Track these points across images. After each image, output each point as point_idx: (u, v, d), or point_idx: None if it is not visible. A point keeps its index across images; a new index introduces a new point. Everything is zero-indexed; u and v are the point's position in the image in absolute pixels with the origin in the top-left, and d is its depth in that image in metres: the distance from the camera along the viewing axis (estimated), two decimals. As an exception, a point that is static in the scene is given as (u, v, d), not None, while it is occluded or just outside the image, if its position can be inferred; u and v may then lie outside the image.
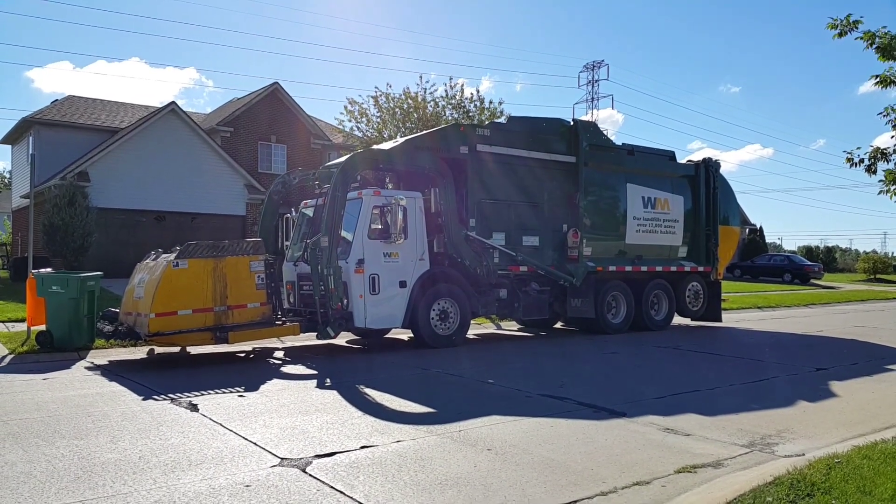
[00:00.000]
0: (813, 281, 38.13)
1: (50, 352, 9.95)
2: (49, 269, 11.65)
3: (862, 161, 7.75)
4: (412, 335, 11.66)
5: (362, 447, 5.39)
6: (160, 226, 24.38)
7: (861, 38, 7.19)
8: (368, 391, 7.64)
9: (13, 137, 30.15)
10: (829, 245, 75.13)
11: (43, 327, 10.29)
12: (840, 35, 7.27)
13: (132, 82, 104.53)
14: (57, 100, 30.79)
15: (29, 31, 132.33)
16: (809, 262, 41.66)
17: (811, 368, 9.75)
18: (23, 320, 11.87)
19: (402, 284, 10.91)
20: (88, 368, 9.16)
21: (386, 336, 12.70)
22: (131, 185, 23.68)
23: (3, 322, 13.00)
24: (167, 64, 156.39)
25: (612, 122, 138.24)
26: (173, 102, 25.62)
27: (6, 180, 66.43)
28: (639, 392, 7.87)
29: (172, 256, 9.63)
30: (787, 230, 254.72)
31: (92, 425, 6.01)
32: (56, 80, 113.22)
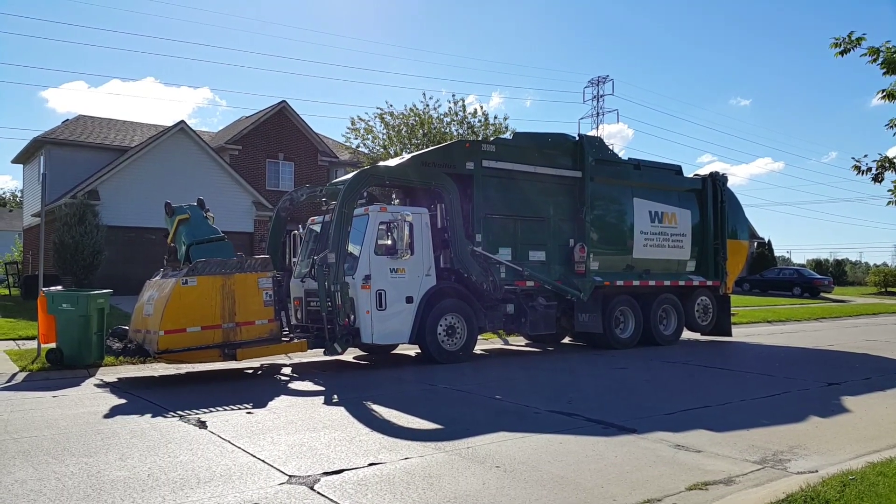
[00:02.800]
0: (823, 294, 37.85)
1: (60, 369, 9.98)
2: (59, 287, 11.72)
3: (870, 169, 7.68)
4: (419, 351, 11.64)
5: (370, 464, 5.37)
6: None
7: (865, 55, 7.18)
8: (376, 407, 7.62)
9: (25, 157, 30.48)
10: (839, 258, 74.74)
11: (53, 345, 10.33)
12: (843, 53, 7.24)
13: (146, 102, 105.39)
14: (68, 119, 31.13)
15: (44, 52, 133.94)
16: (819, 276, 41.40)
17: (823, 383, 9.67)
18: (33, 338, 11.93)
19: (409, 300, 10.91)
20: (98, 386, 9.18)
21: (393, 352, 12.69)
22: (141, 203, 23.82)
23: (13, 340, 13.07)
24: (182, 84, 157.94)
25: (622, 138, 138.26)
26: (182, 121, 25.88)
27: (18, 199, 67.07)
28: (648, 408, 7.82)
29: (182, 273, 9.67)
30: (795, 243, 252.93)
31: (101, 443, 6.01)
32: (70, 100, 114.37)
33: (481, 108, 29.48)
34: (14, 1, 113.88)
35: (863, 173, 7.71)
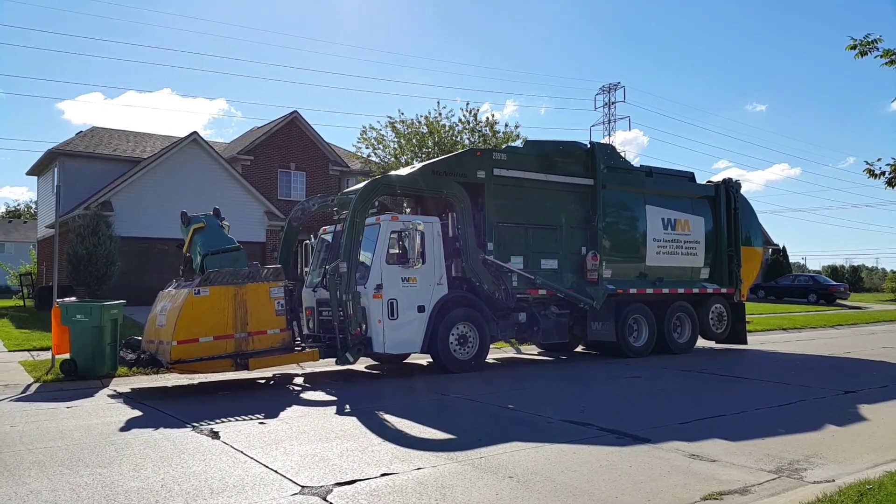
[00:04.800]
0: (839, 301, 37.49)
1: (74, 380, 10.05)
2: (73, 298, 11.80)
3: (883, 173, 7.57)
4: (431, 360, 11.62)
5: (383, 475, 5.35)
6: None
7: (881, 57, 7.10)
8: (388, 417, 7.60)
9: (39, 169, 30.81)
10: (855, 264, 73.82)
11: (67, 356, 10.40)
12: (861, 55, 7.16)
13: (162, 113, 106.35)
14: (81, 131, 31.45)
15: (61, 64, 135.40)
16: (835, 282, 41.02)
17: (839, 391, 9.55)
18: (47, 349, 12.02)
19: (421, 309, 10.90)
20: (111, 396, 9.23)
21: (405, 361, 12.67)
22: (153, 214, 24.01)
23: (28, 351, 13.17)
24: (198, 95, 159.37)
25: (637, 145, 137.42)
26: (195, 132, 26.06)
27: (32, 211, 67.81)
28: (662, 417, 7.75)
29: (194, 283, 9.72)
30: (811, 250, 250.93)
31: (115, 453, 6.04)
32: (86, 112, 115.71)
33: (492, 115, 29.52)
34: (31, 14, 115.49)
35: (876, 177, 7.59)
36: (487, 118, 25.41)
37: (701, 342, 15.18)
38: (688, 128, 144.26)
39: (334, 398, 9.14)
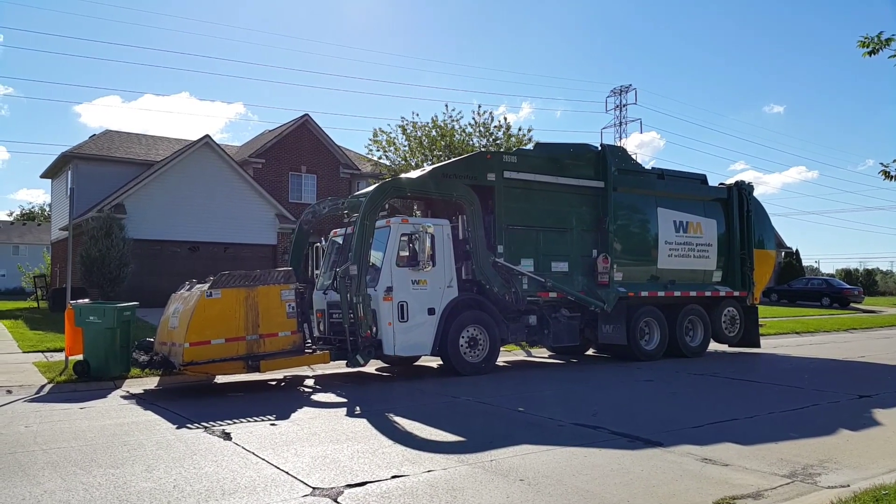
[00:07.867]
0: (853, 305, 37.12)
1: (87, 381, 10.11)
2: (86, 300, 11.88)
3: None
4: (441, 363, 11.62)
5: (393, 477, 5.35)
6: (194, 256, 24.84)
7: (894, 57, 7.01)
8: (398, 419, 7.60)
9: (53, 172, 31.08)
10: (870, 267, 73.13)
11: (80, 357, 10.48)
12: (871, 53, 7.07)
13: (180, 117, 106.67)
14: (94, 134, 31.71)
15: (78, 68, 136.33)
16: (848, 286, 40.62)
17: (853, 395, 9.46)
18: (61, 350, 12.11)
19: (431, 312, 10.90)
20: (124, 397, 9.28)
21: (415, 364, 12.68)
22: (166, 217, 24.19)
23: (42, 352, 13.28)
24: (216, 99, 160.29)
25: (654, 147, 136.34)
26: (207, 135, 26.19)
27: (46, 213, 68.44)
28: (675, 421, 7.71)
29: (206, 286, 9.77)
30: (824, 253, 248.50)
31: (128, 454, 6.07)
32: (103, 115, 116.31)
33: (505, 119, 29.47)
34: (49, 18, 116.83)
35: (891, 178, 7.50)
36: (500, 122, 25.44)
37: (713, 346, 15.09)
38: (705, 130, 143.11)
39: (345, 400, 9.15)
